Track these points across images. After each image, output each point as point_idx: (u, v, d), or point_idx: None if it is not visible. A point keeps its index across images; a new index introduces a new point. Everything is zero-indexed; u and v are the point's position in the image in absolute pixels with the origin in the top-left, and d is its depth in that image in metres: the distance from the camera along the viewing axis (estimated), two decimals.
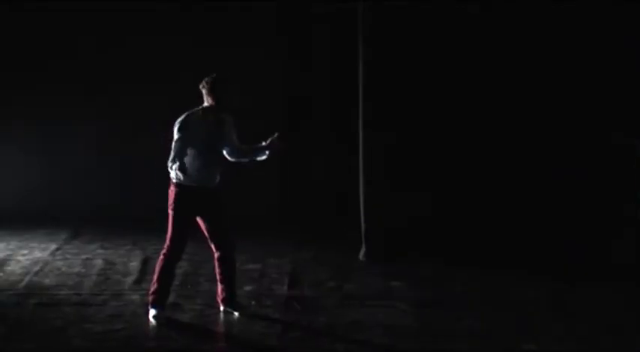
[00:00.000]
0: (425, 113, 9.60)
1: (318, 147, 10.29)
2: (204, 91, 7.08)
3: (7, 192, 10.73)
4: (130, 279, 8.35)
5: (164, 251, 7.22)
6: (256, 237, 9.58)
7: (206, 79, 7.07)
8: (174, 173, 6.98)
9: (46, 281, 8.27)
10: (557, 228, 9.55)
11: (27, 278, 8.29)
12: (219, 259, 7.38)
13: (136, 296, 7.85)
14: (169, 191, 7.15)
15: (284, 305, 7.65)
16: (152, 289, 7.26)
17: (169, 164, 6.97)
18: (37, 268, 8.63)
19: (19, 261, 8.88)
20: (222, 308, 7.42)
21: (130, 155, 10.45)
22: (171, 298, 7.80)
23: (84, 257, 9.06)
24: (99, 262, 8.87)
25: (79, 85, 10.53)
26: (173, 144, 6.99)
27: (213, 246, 7.37)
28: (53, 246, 9.42)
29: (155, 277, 7.25)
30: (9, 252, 9.19)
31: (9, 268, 8.65)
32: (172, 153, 6.96)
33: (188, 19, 10.31)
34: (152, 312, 7.22)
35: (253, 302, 7.73)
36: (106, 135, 10.54)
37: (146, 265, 8.74)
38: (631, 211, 9.02)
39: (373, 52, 8.61)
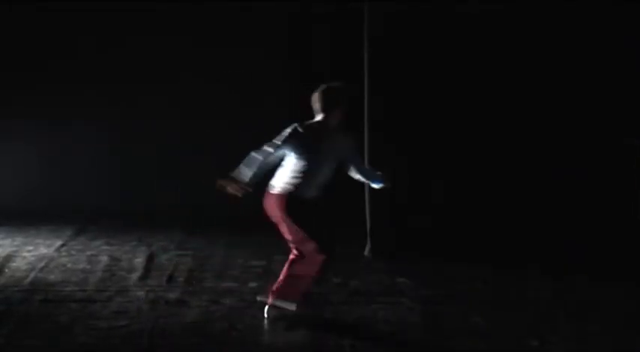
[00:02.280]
0: (430, 113, 9.56)
1: None
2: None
3: (12, 190, 10.74)
4: (135, 276, 8.34)
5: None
6: (261, 233, 9.55)
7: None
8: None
9: (51, 277, 8.26)
10: (559, 227, 9.53)
11: (32, 275, 8.28)
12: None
13: (141, 293, 7.84)
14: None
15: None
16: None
17: None
18: (42, 264, 8.62)
19: (24, 258, 8.87)
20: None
21: (135, 152, 10.45)
22: (176, 294, 7.81)
23: (89, 253, 9.05)
24: (104, 258, 8.86)
25: (82, 84, 10.50)
26: None
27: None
28: (58, 243, 9.41)
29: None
30: (14, 249, 9.19)
31: (14, 264, 8.64)
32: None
33: (188, 18, 10.27)
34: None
35: (259, 299, 7.70)
36: (110, 133, 10.52)
37: (151, 261, 8.74)
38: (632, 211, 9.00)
39: (378, 52, 8.59)
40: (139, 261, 8.79)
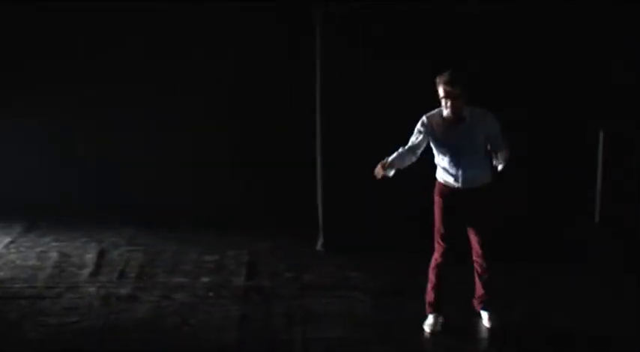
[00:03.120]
0: (382, 104, 9.55)
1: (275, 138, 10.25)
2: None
3: None
4: (85, 272, 8.27)
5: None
6: (214, 229, 9.55)
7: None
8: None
9: (0, 274, 8.16)
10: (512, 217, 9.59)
11: None
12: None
13: (91, 289, 7.79)
14: None
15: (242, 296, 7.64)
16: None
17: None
18: None
19: None
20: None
21: (84, 148, 10.36)
22: (127, 290, 7.77)
23: (38, 250, 8.95)
24: (54, 255, 8.77)
25: (29, 82, 10.32)
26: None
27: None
28: (7, 239, 9.30)
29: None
30: None
31: None
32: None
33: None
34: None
35: (211, 294, 7.70)
36: (61, 130, 10.40)
37: (102, 257, 8.67)
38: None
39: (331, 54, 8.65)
40: (90, 256, 8.72)
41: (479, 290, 7.01)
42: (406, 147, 6.86)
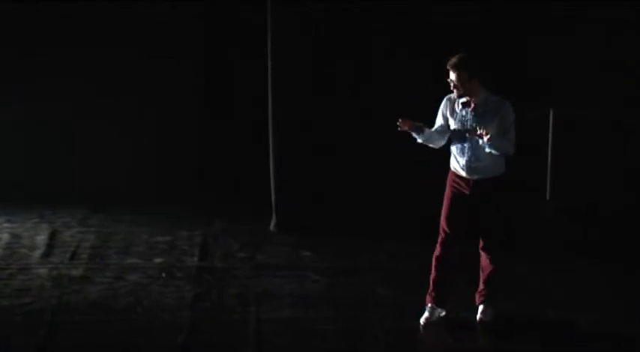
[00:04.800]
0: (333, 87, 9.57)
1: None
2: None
3: None
4: (37, 253, 8.22)
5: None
6: (167, 209, 9.52)
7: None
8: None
9: None
10: None
11: None
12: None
13: (43, 270, 7.74)
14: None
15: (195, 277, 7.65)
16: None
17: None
18: None
19: None
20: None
21: (37, 129, 10.23)
22: (79, 271, 7.73)
23: None
24: (4, 236, 8.69)
25: None
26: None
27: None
28: None
29: None
30: None
31: None
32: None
33: None
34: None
35: (164, 275, 7.70)
36: (13, 108, 10.27)
37: (53, 239, 8.61)
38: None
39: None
40: (41, 238, 8.65)
41: (480, 284, 6.90)
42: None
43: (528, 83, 9.17)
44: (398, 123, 6.58)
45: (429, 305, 6.84)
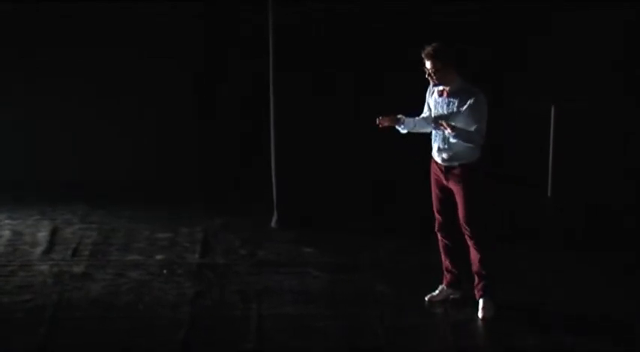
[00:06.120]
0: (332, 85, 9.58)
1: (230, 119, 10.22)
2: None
3: None
4: (38, 250, 8.23)
5: None
6: (167, 206, 9.52)
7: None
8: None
9: None
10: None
11: None
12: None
13: (44, 267, 7.75)
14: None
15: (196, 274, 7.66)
16: None
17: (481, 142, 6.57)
18: None
19: None
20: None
21: (38, 126, 10.24)
22: (80, 268, 7.75)
23: None
24: (6, 233, 8.70)
25: None
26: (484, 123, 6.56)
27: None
28: None
29: None
30: None
31: None
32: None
33: None
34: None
35: (165, 271, 7.71)
36: (14, 106, 10.28)
37: (55, 235, 8.62)
38: None
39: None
40: (43, 234, 8.66)
41: (475, 277, 6.89)
42: None
43: (528, 83, 9.20)
44: (377, 122, 6.70)
45: (440, 286, 7.05)
